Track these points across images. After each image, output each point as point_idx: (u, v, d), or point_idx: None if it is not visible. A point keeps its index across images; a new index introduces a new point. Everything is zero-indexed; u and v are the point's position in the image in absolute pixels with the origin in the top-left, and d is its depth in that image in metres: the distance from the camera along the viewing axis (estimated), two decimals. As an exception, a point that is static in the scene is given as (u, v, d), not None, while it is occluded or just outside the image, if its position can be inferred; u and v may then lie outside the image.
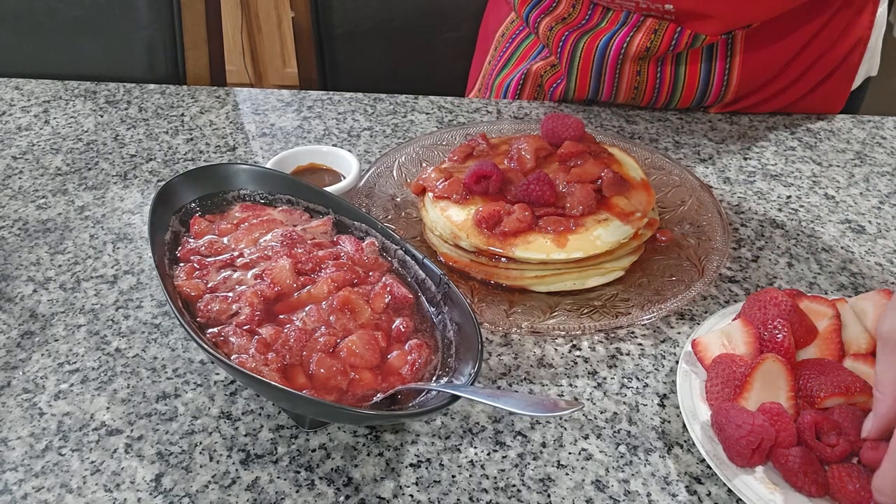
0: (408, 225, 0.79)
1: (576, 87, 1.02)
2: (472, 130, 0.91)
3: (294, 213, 0.68)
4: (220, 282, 0.60)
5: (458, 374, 0.55)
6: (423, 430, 0.59)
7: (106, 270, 0.76)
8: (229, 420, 0.60)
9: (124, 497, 0.55)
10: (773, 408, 0.54)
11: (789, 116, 1.03)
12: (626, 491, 0.55)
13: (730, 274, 0.75)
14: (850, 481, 0.51)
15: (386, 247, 0.66)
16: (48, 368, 0.65)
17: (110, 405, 0.61)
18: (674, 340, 0.68)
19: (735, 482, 0.53)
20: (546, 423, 0.60)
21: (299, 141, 0.97)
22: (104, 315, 0.70)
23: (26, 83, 1.11)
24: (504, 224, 0.69)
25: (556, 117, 0.78)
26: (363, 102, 1.06)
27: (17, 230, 0.81)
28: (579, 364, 0.65)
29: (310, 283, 0.60)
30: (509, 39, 1.10)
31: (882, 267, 0.77)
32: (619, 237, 0.70)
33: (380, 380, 0.55)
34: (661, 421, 0.60)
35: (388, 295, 0.61)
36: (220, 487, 0.55)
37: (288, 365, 0.55)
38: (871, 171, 0.92)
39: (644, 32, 0.94)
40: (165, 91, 1.09)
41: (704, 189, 0.81)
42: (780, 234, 0.81)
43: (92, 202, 0.86)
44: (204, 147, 0.96)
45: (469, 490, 0.55)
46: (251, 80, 2.75)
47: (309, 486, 0.55)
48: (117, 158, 0.94)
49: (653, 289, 0.70)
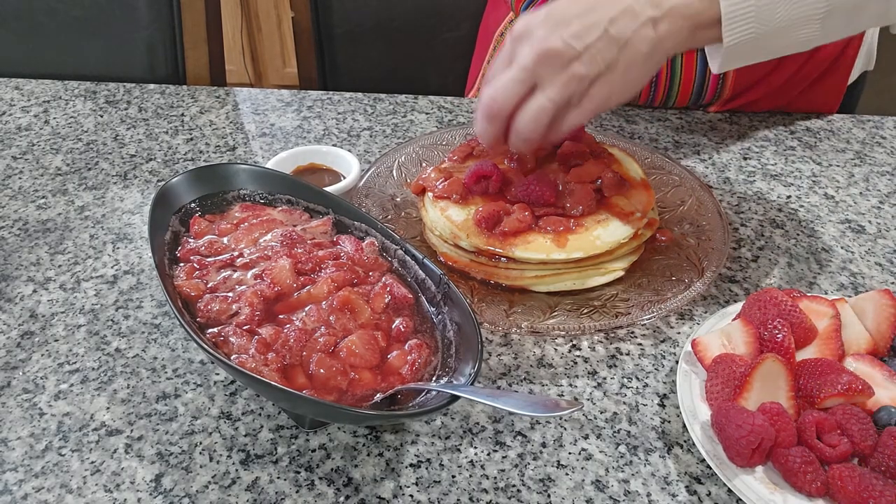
0: (408, 225, 0.79)
1: None
2: (472, 130, 0.91)
3: (294, 213, 0.68)
4: (220, 282, 0.60)
5: (458, 374, 0.55)
6: (423, 430, 0.59)
7: (106, 270, 0.76)
8: (229, 420, 0.60)
9: (124, 497, 0.55)
10: (773, 408, 0.54)
11: (789, 116, 1.03)
12: (626, 491, 0.55)
13: (730, 274, 0.75)
14: (850, 481, 0.51)
15: (386, 247, 0.66)
16: (48, 368, 0.65)
17: (110, 405, 0.61)
18: (674, 340, 0.68)
19: (735, 482, 0.53)
20: (546, 423, 0.60)
21: (299, 141, 0.97)
22: (104, 315, 0.70)
23: (26, 83, 1.11)
24: (504, 224, 0.69)
25: (555, 117, 0.78)
26: (363, 102, 1.06)
27: (17, 230, 0.81)
28: (579, 364, 0.65)
29: (310, 283, 0.60)
30: (508, 38, 1.10)
31: (882, 267, 0.77)
32: (619, 237, 0.70)
33: (380, 380, 0.55)
34: (661, 421, 0.60)
35: (388, 295, 0.61)
36: (220, 488, 0.55)
37: (288, 365, 0.55)
38: (870, 171, 0.92)
39: None
40: (165, 91, 1.09)
41: (704, 189, 0.81)
42: (780, 234, 0.81)
43: (92, 202, 0.86)
44: (204, 147, 0.96)
45: (469, 490, 0.55)
46: (251, 80, 2.75)
47: (309, 487, 0.55)
48: (117, 158, 0.94)
49: (653, 289, 0.70)
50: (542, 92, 0.61)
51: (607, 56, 0.60)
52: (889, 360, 0.60)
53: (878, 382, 0.57)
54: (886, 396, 0.57)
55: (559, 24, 0.60)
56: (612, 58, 0.60)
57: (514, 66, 0.62)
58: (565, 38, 0.59)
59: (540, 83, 0.61)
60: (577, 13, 0.60)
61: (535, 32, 0.61)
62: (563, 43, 0.59)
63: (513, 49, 0.63)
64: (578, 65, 0.60)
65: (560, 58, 0.60)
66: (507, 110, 0.63)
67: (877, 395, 0.56)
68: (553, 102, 0.61)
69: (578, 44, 0.59)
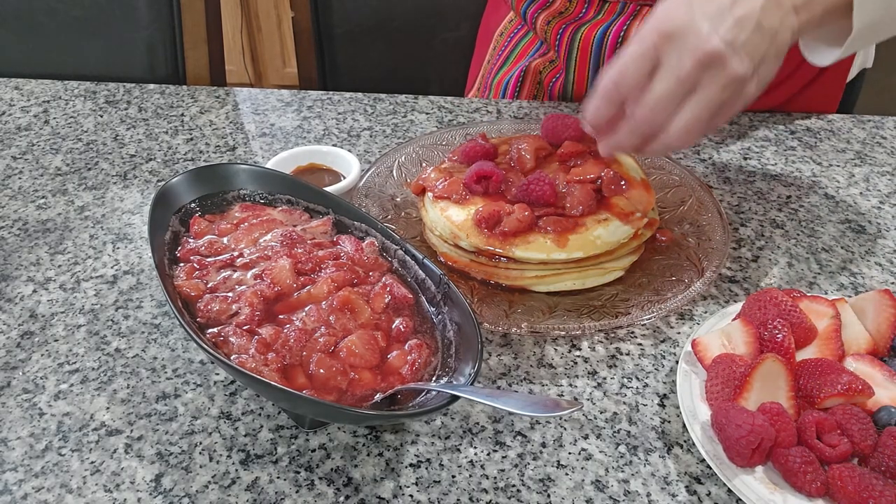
0: (408, 225, 0.79)
1: (574, 80, 1.02)
2: (472, 130, 0.91)
3: (294, 213, 0.68)
4: (220, 282, 0.60)
5: (458, 374, 0.55)
6: (423, 430, 0.59)
7: (106, 270, 0.76)
8: (229, 420, 0.60)
9: (124, 497, 0.55)
10: (773, 408, 0.54)
11: (789, 116, 1.03)
12: (625, 491, 0.55)
13: (730, 274, 0.75)
14: (850, 481, 0.51)
15: (386, 247, 0.66)
16: (48, 368, 0.65)
17: (110, 405, 0.61)
18: (674, 340, 0.68)
19: (735, 482, 0.53)
20: (546, 423, 0.60)
21: (299, 141, 0.97)
22: (104, 315, 0.70)
23: (26, 83, 1.11)
24: (504, 224, 0.69)
25: (556, 117, 0.78)
26: (363, 102, 1.06)
27: (17, 230, 0.81)
28: (579, 364, 0.65)
29: (310, 283, 0.60)
30: (508, 38, 1.10)
31: (882, 267, 0.77)
32: (619, 237, 0.70)
33: (379, 380, 0.55)
34: (661, 421, 0.60)
35: (388, 295, 0.61)
36: (219, 487, 0.55)
37: (288, 365, 0.55)
38: (871, 171, 0.92)
39: (640, 21, 0.94)
40: (165, 91, 1.09)
41: (704, 189, 0.81)
42: (780, 234, 0.81)
43: (92, 202, 0.86)
44: (204, 147, 0.96)
45: (469, 490, 0.55)
46: (251, 80, 2.75)
47: (309, 487, 0.55)
48: (117, 158, 0.94)
49: (653, 289, 0.70)
50: (699, 98, 0.57)
51: (761, 50, 0.56)
52: (889, 360, 0.60)
53: (878, 382, 0.57)
54: (886, 396, 0.57)
55: (712, 19, 0.55)
56: (763, 52, 0.56)
57: (671, 76, 0.56)
58: (724, 37, 0.54)
59: (697, 88, 0.56)
60: (724, 4, 0.55)
61: (688, 32, 0.55)
62: (723, 43, 0.54)
63: (661, 48, 0.56)
64: (738, 64, 0.55)
65: (721, 60, 0.55)
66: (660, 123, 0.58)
67: (877, 395, 0.56)
68: (710, 110, 0.57)
69: (736, 42, 0.55)
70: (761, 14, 0.56)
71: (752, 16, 0.55)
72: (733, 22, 0.55)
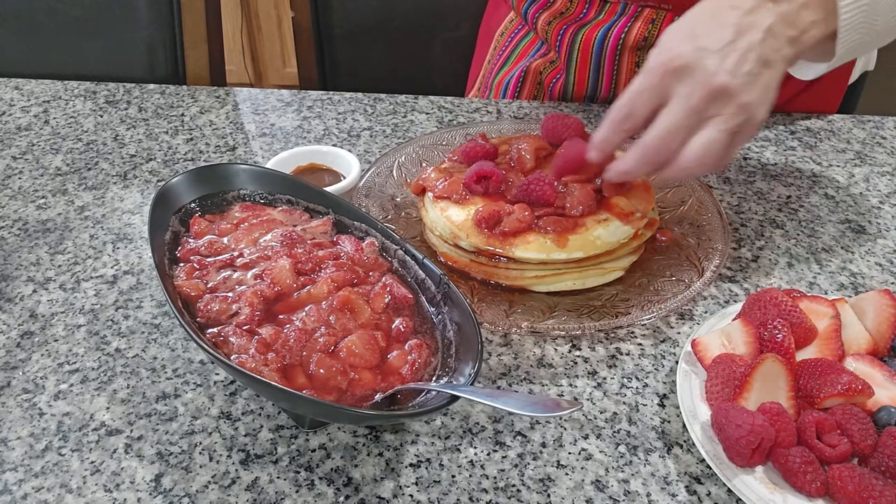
0: (408, 225, 0.79)
1: (575, 81, 1.02)
2: (472, 130, 0.91)
3: (294, 213, 0.68)
4: (220, 282, 0.60)
5: (458, 374, 0.55)
6: (423, 430, 0.59)
7: (106, 270, 0.76)
8: (229, 420, 0.60)
9: (124, 497, 0.55)
10: (773, 408, 0.54)
11: (789, 116, 1.03)
12: (625, 491, 0.55)
13: (730, 274, 0.75)
14: (850, 481, 0.51)
15: (386, 247, 0.66)
16: (48, 368, 0.65)
17: (110, 405, 0.61)
18: (674, 340, 0.68)
19: (735, 482, 0.53)
20: (546, 423, 0.60)
21: (299, 141, 0.97)
22: (104, 315, 0.70)
23: (26, 83, 1.11)
24: (504, 224, 0.69)
25: (556, 117, 0.78)
26: (363, 102, 1.06)
27: (17, 230, 0.81)
28: (579, 364, 0.65)
29: (310, 283, 0.60)
30: (509, 38, 1.10)
31: (882, 267, 0.77)
32: (619, 237, 0.70)
33: (379, 380, 0.55)
34: (661, 421, 0.60)
35: (388, 295, 0.61)
36: (219, 487, 0.55)
37: (288, 365, 0.55)
38: (871, 171, 0.92)
39: (642, 22, 0.94)
40: (165, 91, 1.09)
41: (704, 189, 0.81)
42: (780, 234, 0.81)
43: (92, 202, 0.86)
44: (204, 147, 0.96)
45: (469, 490, 0.55)
46: (251, 80, 2.75)
47: (309, 486, 0.55)
48: (117, 158, 0.94)
49: (653, 289, 0.70)
50: (714, 125, 0.59)
51: (764, 79, 0.59)
52: (889, 360, 0.60)
53: (878, 382, 0.57)
54: (886, 396, 0.57)
55: (717, 54, 0.58)
56: (766, 80, 0.59)
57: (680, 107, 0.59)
58: (730, 71, 0.57)
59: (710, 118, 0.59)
60: (726, 38, 0.58)
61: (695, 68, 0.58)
62: (730, 76, 0.57)
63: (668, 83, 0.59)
64: (745, 94, 0.58)
65: (729, 93, 0.58)
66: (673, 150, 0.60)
67: (877, 395, 0.56)
68: (723, 137, 0.59)
69: (743, 74, 0.58)
70: (761, 47, 0.59)
71: (754, 48, 0.58)
72: (737, 56, 0.58)
